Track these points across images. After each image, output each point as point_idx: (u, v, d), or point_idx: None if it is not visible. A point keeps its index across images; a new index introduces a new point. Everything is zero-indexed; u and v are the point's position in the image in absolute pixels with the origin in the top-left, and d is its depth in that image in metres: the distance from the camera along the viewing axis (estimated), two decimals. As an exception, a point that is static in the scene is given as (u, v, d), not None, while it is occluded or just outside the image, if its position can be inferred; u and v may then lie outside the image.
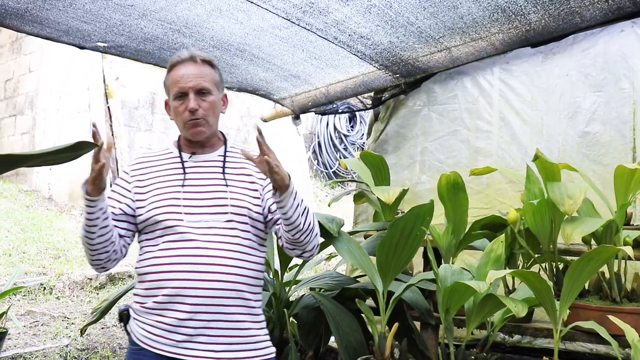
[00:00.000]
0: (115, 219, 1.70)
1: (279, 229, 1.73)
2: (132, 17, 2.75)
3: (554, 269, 2.22)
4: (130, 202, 1.73)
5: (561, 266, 2.25)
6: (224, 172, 1.75)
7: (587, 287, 2.15)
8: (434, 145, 3.45)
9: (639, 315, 2.00)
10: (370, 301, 2.60)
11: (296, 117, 4.19)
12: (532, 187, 2.17)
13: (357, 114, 10.27)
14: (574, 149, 3.02)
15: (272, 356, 1.73)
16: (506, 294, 2.28)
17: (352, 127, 10.46)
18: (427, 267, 2.58)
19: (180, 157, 1.77)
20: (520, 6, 2.65)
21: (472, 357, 2.11)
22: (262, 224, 1.75)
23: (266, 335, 1.74)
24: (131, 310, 1.73)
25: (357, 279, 2.75)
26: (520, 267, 2.34)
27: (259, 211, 1.73)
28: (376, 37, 2.94)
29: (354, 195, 3.17)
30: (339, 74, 3.47)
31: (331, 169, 10.05)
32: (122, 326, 1.76)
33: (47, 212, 6.50)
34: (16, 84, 7.97)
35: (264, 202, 1.74)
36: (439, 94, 3.47)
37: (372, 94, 3.79)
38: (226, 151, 1.80)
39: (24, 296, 4.44)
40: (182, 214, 1.67)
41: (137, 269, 1.73)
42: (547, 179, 2.07)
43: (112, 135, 7.06)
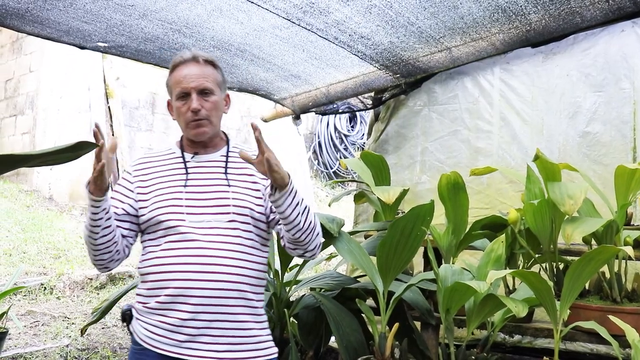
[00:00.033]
0: (117, 219, 1.70)
1: (281, 229, 1.73)
2: (133, 17, 2.76)
3: (555, 269, 2.21)
4: (132, 202, 1.73)
5: (562, 266, 2.25)
6: (226, 172, 1.75)
7: (587, 287, 2.15)
8: (435, 145, 3.45)
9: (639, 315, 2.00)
10: (370, 301, 2.60)
11: (296, 117, 4.19)
12: (533, 187, 2.16)
13: (357, 114, 10.27)
14: (574, 149, 3.02)
15: (274, 356, 1.73)
16: (506, 294, 2.28)
17: (352, 127, 10.46)
18: (427, 267, 2.58)
19: (182, 157, 1.77)
20: (520, 6, 2.65)
21: (473, 357, 2.11)
22: (265, 224, 1.76)
23: (268, 335, 1.74)
24: (134, 310, 1.73)
25: (358, 279, 2.76)
26: (520, 267, 2.34)
27: (261, 211, 1.73)
28: (376, 37, 2.94)
29: (355, 195, 3.17)
30: (340, 74, 3.47)
31: (331, 169, 10.04)
32: (124, 326, 1.76)
33: (47, 212, 6.50)
34: (17, 84, 7.98)
35: (267, 202, 1.74)
36: (439, 94, 3.47)
37: (372, 94, 3.79)
38: (229, 151, 1.80)
39: (25, 296, 4.44)
40: (184, 214, 1.67)
41: (139, 269, 1.74)
42: (547, 179, 2.07)
43: (113, 135, 7.06)
